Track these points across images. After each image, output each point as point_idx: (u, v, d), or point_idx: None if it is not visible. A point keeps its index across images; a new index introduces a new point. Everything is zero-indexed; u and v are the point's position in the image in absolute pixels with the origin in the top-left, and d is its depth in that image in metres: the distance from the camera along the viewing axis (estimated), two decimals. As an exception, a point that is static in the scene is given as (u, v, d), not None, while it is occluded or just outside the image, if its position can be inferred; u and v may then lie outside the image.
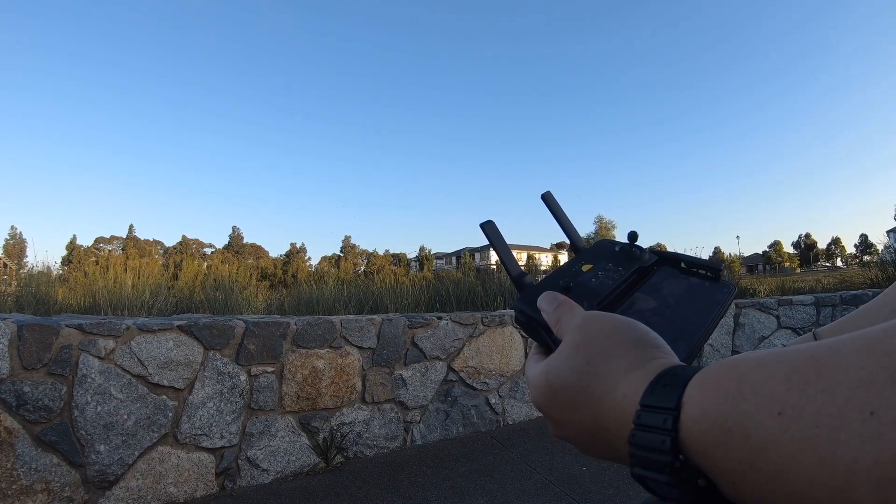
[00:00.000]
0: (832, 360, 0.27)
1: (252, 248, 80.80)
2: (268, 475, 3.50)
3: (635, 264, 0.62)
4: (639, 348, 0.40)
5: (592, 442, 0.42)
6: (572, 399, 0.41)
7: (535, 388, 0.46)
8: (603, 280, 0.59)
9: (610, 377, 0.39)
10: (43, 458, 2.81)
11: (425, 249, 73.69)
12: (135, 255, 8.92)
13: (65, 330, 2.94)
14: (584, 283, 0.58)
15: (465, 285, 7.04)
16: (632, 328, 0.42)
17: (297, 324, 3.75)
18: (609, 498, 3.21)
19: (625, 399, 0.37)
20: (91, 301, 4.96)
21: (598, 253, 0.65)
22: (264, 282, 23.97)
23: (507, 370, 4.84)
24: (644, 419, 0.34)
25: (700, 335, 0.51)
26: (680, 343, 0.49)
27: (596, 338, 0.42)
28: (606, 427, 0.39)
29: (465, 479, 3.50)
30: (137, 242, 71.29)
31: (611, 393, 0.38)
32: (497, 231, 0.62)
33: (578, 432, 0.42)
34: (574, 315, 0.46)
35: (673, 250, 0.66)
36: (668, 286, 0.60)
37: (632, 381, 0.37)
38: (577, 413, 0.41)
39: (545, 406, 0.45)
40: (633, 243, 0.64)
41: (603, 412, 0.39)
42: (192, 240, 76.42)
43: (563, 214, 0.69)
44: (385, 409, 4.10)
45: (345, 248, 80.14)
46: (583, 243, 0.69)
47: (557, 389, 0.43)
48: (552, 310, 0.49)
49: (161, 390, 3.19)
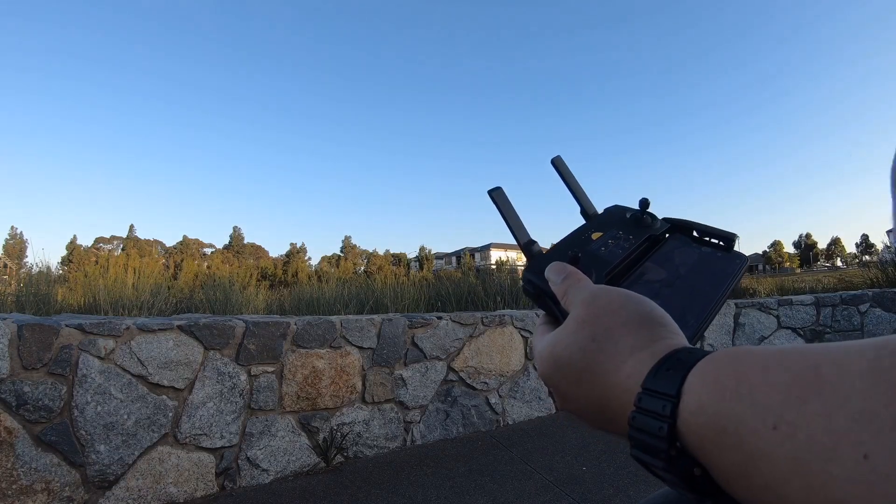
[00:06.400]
0: (835, 378, 0.26)
1: (252, 248, 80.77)
2: (268, 475, 3.50)
3: (646, 232, 0.62)
4: (645, 327, 0.39)
5: (597, 417, 0.42)
6: (577, 374, 0.41)
7: (541, 361, 0.46)
8: (612, 249, 0.58)
9: (615, 355, 0.39)
10: (43, 458, 2.81)
11: (425, 249, 73.58)
12: (135, 255, 8.92)
13: (65, 330, 2.94)
14: (593, 253, 0.57)
15: (465, 285, 7.04)
16: (639, 304, 0.42)
17: (297, 324, 3.74)
18: (609, 498, 3.21)
19: (629, 379, 0.37)
20: (91, 301, 4.96)
21: (608, 220, 0.64)
22: (264, 282, 23.99)
23: (507, 370, 4.84)
24: (645, 403, 0.34)
25: (709, 309, 0.51)
26: (689, 317, 0.49)
27: (602, 314, 0.42)
28: (610, 405, 0.39)
29: (465, 479, 3.50)
30: (138, 242, 71.21)
31: (615, 371, 0.38)
32: (506, 198, 0.61)
33: (583, 406, 0.43)
34: (581, 288, 0.46)
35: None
36: (679, 256, 0.59)
37: (636, 362, 0.37)
38: (581, 388, 0.41)
39: (551, 379, 0.45)
40: (645, 210, 0.64)
41: (607, 390, 0.39)
42: (192, 240, 76.33)
43: (573, 180, 0.67)
44: (385, 409, 4.10)
45: (345, 247, 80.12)
46: (594, 209, 0.67)
47: (563, 364, 0.43)
48: (560, 281, 0.49)
49: (161, 390, 3.19)
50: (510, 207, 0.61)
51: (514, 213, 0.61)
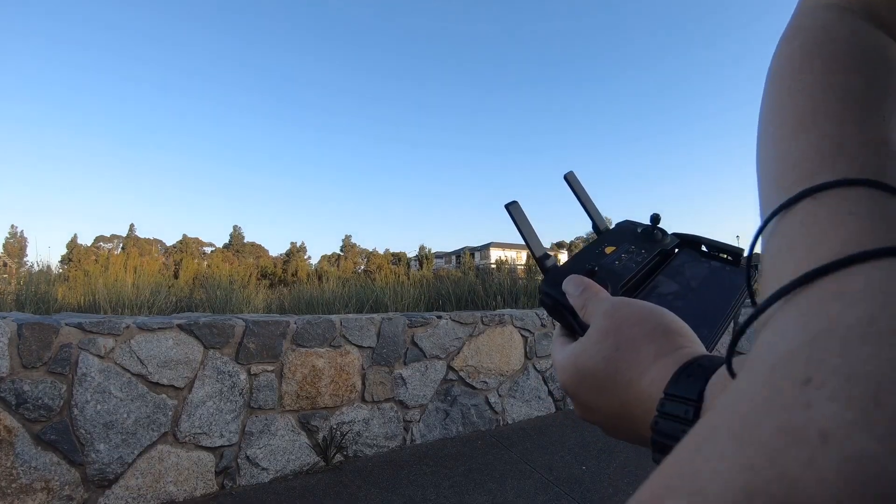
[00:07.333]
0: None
1: (252, 247, 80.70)
2: (267, 474, 3.50)
3: (657, 247, 0.62)
4: (667, 336, 0.40)
5: (617, 425, 0.43)
6: (600, 384, 0.42)
7: (563, 372, 0.46)
8: (626, 263, 0.59)
9: (638, 364, 0.40)
10: (42, 457, 2.81)
11: (425, 248, 73.46)
12: (135, 253, 8.93)
13: (64, 329, 2.95)
14: (607, 266, 0.58)
15: (464, 284, 7.07)
16: (660, 316, 0.42)
17: (296, 323, 3.75)
18: (608, 497, 3.22)
19: (651, 386, 0.38)
20: (91, 300, 4.97)
21: (620, 235, 0.65)
22: (264, 281, 24.02)
23: (507, 369, 4.84)
24: (667, 408, 0.35)
25: (721, 321, 0.51)
26: (702, 329, 0.49)
27: (625, 325, 0.42)
28: (632, 412, 0.40)
29: (465, 478, 3.51)
30: (138, 241, 71.11)
31: (638, 380, 0.39)
32: (522, 212, 0.61)
33: (605, 416, 0.44)
34: (601, 300, 0.47)
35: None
36: (689, 270, 0.60)
37: (659, 369, 0.38)
38: (604, 397, 0.42)
39: (573, 390, 0.45)
40: (656, 225, 0.64)
41: (630, 397, 0.40)
42: (192, 239, 76.18)
43: (586, 195, 0.68)
44: (384, 409, 4.10)
45: (345, 247, 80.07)
46: (605, 224, 0.68)
47: (586, 374, 0.43)
48: (578, 293, 0.50)
49: (161, 389, 3.19)
50: (526, 221, 0.61)
51: (529, 226, 0.61)
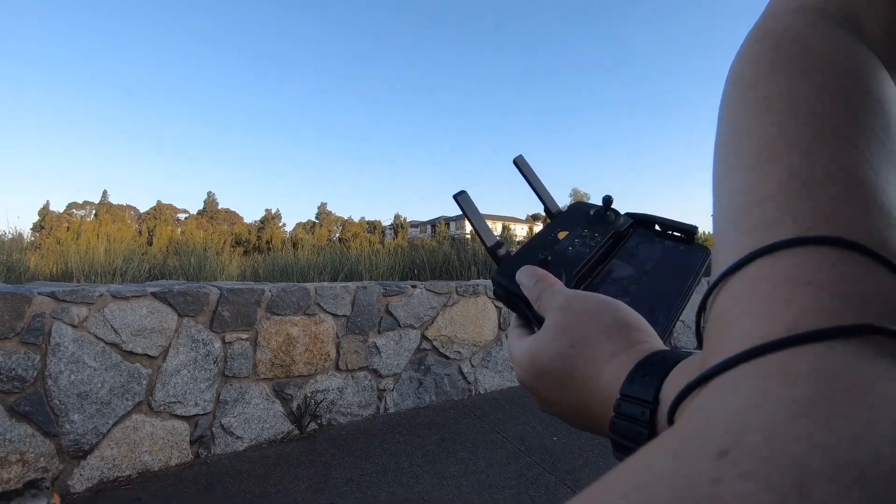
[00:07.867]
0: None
1: (227, 214, 79.72)
2: (242, 442, 3.54)
3: (610, 229, 0.61)
4: (622, 332, 0.40)
5: (578, 419, 0.43)
6: (558, 381, 0.42)
7: (520, 367, 0.47)
8: (580, 249, 0.58)
9: (595, 361, 0.40)
10: (17, 429, 2.80)
11: (400, 217, 73.09)
12: (108, 220, 8.81)
13: (37, 298, 2.92)
14: (561, 253, 0.57)
15: (439, 254, 7.09)
16: (615, 310, 0.43)
17: (271, 290, 3.75)
18: (579, 468, 3.31)
19: (609, 384, 0.38)
20: (64, 268, 4.92)
21: (572, 218, 0.64)
22: (238, 248, 23.77)
23: (480, 340, 4.91)
24: (624, 409, 0.35)
25: (677, 304, 0.51)
26: (658, 313, 0.49)
27: (579, 321, 0.42)
28: (592, 409, 0.40)
29: (437, 447, 3.58)
30: (111, 208, 69.78)
31: (596, 377, 0.39)
32: (471, 202, 0.61)
33: (564, 410, 0.44)
34: (555, 293, 0.47)
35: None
36: (643, 251, 0.60)
37: (615, 367, 0.38)
38: (563, 394, 0.42)
39: (531, 385, 0.46)
40: (608, 207, 0.63)
41: (588, 395, 0.40)
42: (166, 205, 75.02)
43: (536, 179, 0.67)
44: (359, 377, 4.15)
45: (320, 214, 79.38)
46: (557, 208, 0.67)
47: (543, 371, 0.43)
48: (532, 285, 0.49)
49: (135, 358, 3.19)
50: (475, 210, 0.61)
51: (479, 215, 0.61)
